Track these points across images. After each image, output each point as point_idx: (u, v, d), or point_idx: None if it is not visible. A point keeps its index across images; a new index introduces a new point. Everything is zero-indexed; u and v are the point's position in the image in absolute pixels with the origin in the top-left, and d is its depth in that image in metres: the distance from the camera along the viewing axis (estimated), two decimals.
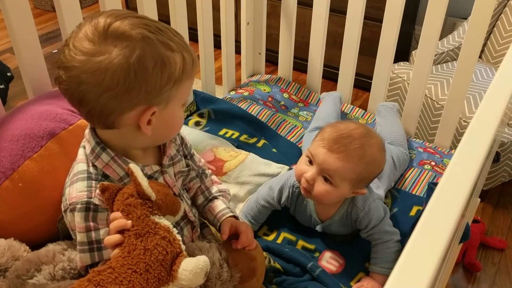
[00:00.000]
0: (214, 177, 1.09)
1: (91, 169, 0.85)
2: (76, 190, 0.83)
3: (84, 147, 0.87)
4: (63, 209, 0.87)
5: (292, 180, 1.15)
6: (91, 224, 0.82)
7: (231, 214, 0.99)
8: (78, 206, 0.82)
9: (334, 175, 1.01)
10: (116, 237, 0.76)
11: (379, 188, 1.21)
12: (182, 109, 0.87)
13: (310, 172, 1.03)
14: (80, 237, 0.83)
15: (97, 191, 0.82)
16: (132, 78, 0.74)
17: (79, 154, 0.88)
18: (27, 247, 0.91)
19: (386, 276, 1.06)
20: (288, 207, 1.20)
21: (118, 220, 0.76)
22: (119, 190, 0.80)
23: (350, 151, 1.00)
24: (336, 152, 1.00)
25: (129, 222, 0.76)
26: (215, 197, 1.03)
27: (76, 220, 0.82)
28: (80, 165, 0.86)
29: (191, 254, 0.81)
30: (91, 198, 0.82)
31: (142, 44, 0.74)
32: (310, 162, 1.05)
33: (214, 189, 1.05)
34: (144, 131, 0.80)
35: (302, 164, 1.07)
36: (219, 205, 1.01)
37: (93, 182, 0.84)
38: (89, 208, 0.82)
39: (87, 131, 0.87)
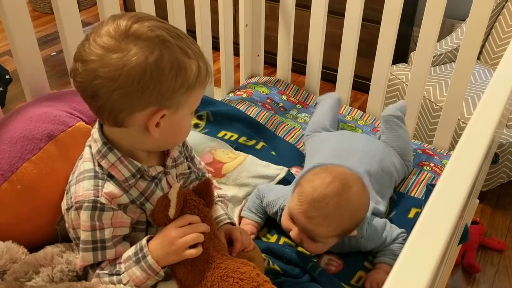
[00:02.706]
0: (214, 182, 1.09)
1: (97, 168, 0.85)
2: (83, 188, 0.84)
3: (90, 146, 0.88)
4: (65, 207, 0.87)
5: (285, 202, 1.13)
6: (97, 223, 0.83)
7: (228, 221, 0.99)
8: (85, 204, 0.82)
9: (318, 238, 1.02)
10: (203, 237, 0.85)
11: (379, 203, 1.20)
12: (190, 118, 0.88)
13: (295, 231, 1.04)
14: (84, 235, 0.83)
15: (104, 190, 0.83)
16: (148, 78, 0.75)
17: (85, 153, 0.88)
18: (25, 250, 0.91)
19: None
20: None
21: (204, 224, 0.87)
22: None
23: (329, 213, 0.99)
24: (315, 218, 0.99)
25: (208, 226, 0.87)
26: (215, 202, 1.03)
27: (81, 219, 0.83)
28: (86, 164, 0.86)
29: None
30: (98, 197, 0.83)
31: (161, 47, 0.75)
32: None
33: (214, 194, 1.05)
34: (151, 133, 0.81)
35: (286, 219, 1.06)
36: (217, 210, 1.01)
37: (100, 181, 0.84)
38: (95, 207, 0.82)
39: (94, 130, 0.88)
